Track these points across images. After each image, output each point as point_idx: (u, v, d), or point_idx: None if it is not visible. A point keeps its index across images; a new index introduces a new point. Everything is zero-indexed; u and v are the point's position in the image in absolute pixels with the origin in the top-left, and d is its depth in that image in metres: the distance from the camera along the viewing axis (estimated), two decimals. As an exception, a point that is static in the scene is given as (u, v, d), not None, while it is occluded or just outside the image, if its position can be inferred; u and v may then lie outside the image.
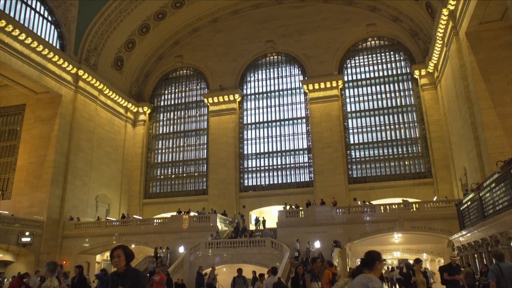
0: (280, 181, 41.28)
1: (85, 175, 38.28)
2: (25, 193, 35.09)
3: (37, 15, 35.44)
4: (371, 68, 41.97)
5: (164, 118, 47.59)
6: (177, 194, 43.69)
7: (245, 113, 44.67)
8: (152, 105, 47.59)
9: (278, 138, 42.81)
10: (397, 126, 39.89)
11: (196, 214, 35.59)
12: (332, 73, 41.37)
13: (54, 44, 36.54)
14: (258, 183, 41.89)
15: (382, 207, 30.56)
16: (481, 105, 26.01)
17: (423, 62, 38.83)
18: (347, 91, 42.05)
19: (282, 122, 43.20)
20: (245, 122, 44.36)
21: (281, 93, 44.13)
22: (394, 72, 41.50)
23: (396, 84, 41.18)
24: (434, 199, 32.13)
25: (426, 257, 35.81)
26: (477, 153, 26.58)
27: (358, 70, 42.36)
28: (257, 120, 44.06)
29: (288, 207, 33.90)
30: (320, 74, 41.48)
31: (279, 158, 42.23)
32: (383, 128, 40.06)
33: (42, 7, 35.99)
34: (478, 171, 26.15)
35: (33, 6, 35.11)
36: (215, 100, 43.97)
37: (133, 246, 35.23)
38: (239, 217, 37.07)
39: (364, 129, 40.45)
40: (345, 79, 41.91)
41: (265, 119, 43.82)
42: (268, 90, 44.51)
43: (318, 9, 43.63)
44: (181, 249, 31.13)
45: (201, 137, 45.53)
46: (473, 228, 21.55)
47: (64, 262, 32.61)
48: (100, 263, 36.72)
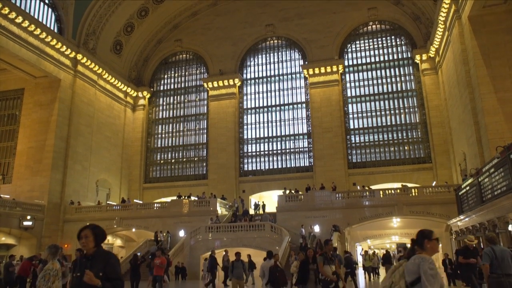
0: (280, 166, 41.38)
1: (85, 160, 38.35)
2: (25, 178, 35.22)
3: (34, -2, 35.01)
4: (372, 52, 41.66)
5: (164, 103, 47.44)
6: (177, 179, 43.83)
7: (245, 97, 44.51)
8: (152, 89, 47.39)
9: (278, 123, 42.75)
10: (397, 111, 39.80)
11: (196, 198, 35.77)
12: (332, 57, 41.09)
13: (52, 28, 36.17)
14: (258, 168, 41.99)
15: (381, 192, 30.72)
16: (482, 91, 25.91)
17: (424, 47, 38.53)
18: (347, 76, 41.83)
19: (282, 107, 43.08)
20: (245, 106, 44.23)
21: (281, 77, 43.89)
22: (395, 56, 41.21)
23: (396, 69, 40.94)
24: (433, 184, 32.27)
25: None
26: (477, 139, 26.58)
27: (358, 54, 42.05)
28: (257, 105, 43.93)
29: (287, 191, 34.05)
30: (321, 59, 41.19)
31: (279, 143, 42.24)
32: (383, 113, 39.98)
33: (40, -10, 35.56)
34: (478, 157, 26.19)
35: (30, -12, 34.67)
36: (215, 84, 43.76)
37: (133, 230, 35.60)
38: (239, 201, 37.28)
39: (364, 114, 40.36)
40: (346, 63, 41.63)
41: (265, 104, 43.69)
42: (268, 74, 44.26)
43: (319, -7, 43.10)
44: (181, 233, 31.39)
45: (201, 121, 45.46)
46: (471, 212, 21.71)
47: (65, 246, 32.92)
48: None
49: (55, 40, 35.32)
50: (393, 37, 41.63)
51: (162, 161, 45.60)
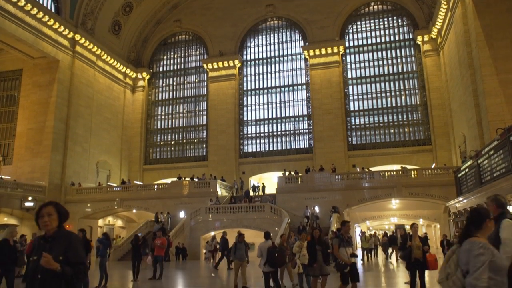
0: (279, 148, 41.43)
1: (85, 141, 38.37)
2: (26, 159, 35.30)
3: (31, -24, 34.39)
4: (373, 33, 41.22)
5: (163, 84, 47.20)
6: (177, 160, 43.95)
7: (245, 79, 44.25)
8: (151, 70, 47.09)
9: (278, 105, 42.62)
10: (397, 93, 39.63)
11: (196, 180, 35.91)
12: (333, 38, 40.67)
13: (49, 7, 35.67)
14: (258, 150, 42.06)
15: (380, 174, 30.84)
16: (484, 72, 25.74)
17: (426, 28, 38.11)
18: (348, 57, 41.49)
19: (282, 89, 42.88)
20: (245, 88, 44.02)
21: (281, 59, 43.54)
22: (397, 37, 40.81)
23: (398, 50, 40.58)
24: (433, 166, 32.37)
25: (423, 223, 36.43)
26: (477, 121, 26.54)
27: (359, 35, 41.62)
28: (257, 86, 43.71)
29: (287, 173, 34.18)
30: (321, 40, 40.78)
31: (279, 124, 42.20)
32: (383, 95, 39.82)
33: (36, -32, 34.90)
34: (478, 139, 26.20)
35: (27, -33, 34.03)
36: (215, 66, 43.45)
37: (134, 211, 35.88)
38: (239, 182, 37.45)
39: (365, 96, 40.21)
40: (347, 45, 41.25)
41: (265, 85, 43.47)
42: (268, 56, 43.90)
43: (320, -28, 42.37)
44: (182, 214, 31.64)
45: (200, 103, 45.31)
46: (469, 194, 21.84)
47: (67, 226, 33.16)
48: (102, 227, 37.40)
49: (52, 20, 34.88)
50: (394, 17, 41.13)
51: (162, 143, 45.64)
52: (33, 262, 3.69)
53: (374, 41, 41.06)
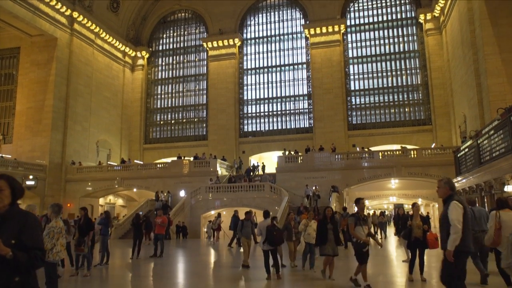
0: (279, 127, 41.41)
1: (85, 120, 38.32)
2: (26, 138, 35.32)
3: (26, -48, 33.68)
4: (375, 12, 40.65)
5: (163, 63, 46.82)
6: (177, 140, 43.99)
7: (245, 58, 43.87)
8: (150, 49, 46.63)
9: (278, 84, 42.38)
10: (398, 73, 39.35)
11: (192, 159, 35.95)
12: (334, 17, 40.11)
13: (47, -16, 35.06)
14: (258, 129, 42.03)
15: (380, 154, 30.89)
16: (486, 51, 25.48)
17: (429, 6, 37.53)
18: (349, 36, 41.02)
19: (283, 68, 42.56)
20: (245, 67, 43.69)
21: (281, 37, 43.07)
22: (399, 16, 40.25)
23: (400, 29, 40.08)
24: (432, 146, 32.41)
25: (421, 202, 36.76)
26: (478, 100, 26.43)
27: (361, 14, 41.04)
28: (257, 65, 43.38)
29: (287, 152, 34.24)
30: (322, 18, 40.22)
31: (279, 104, 42.06)
32: (384, 74, 39.56)
33: None
34: (478, 119, 26.14)
35: None
36: (215, 44, 43.01)
37: (135, 190, 36.11)
38: (238, 162, 37.56)
39: (365, 75, 39.94)
40: (348, 23, 40.71)
41: (265, 64, 43.13)
42: (269, 34, 43.40)
43: None
44: (182, 193, 31.86)
45: (200, 82, 45.06)
46: (468, 174, 21.94)
47: (68, 205, 33.53)
48: (103, 206, 37.73)
49: (49, -3, 34.35)
50: (397, -5, 40.46)
51: (162, 122, 45.58)
52: None
53: (375, 19, 40.53)
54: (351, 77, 40.28)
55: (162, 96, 46.13)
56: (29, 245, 3.00)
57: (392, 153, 31.11)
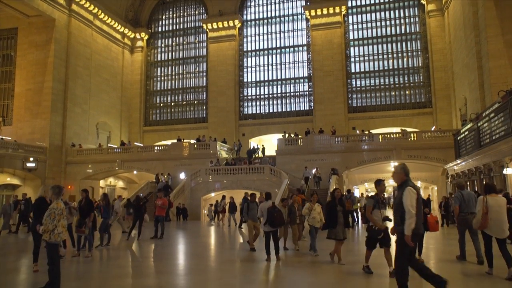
0: (279, 110, 41.31)
1: (85, 103, 38.20)
2: (26, 120, 35.29)
3: None
4: (377, -8, 40.07)
5: (162, 45, 46.42)
6: (177, 122, 43.95)
7: (245, 40, 43.47)
8: (150, 31, 46.17)
9: (279, 66, 42.11)
10: (399, 55, 39.04)
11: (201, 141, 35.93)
12: (336, -3, 39.56)
13: (43, -37, 34.48)
14: (258, 112, 41.95)
15: (380, 136, 30.89)
16: (489, 33, 25.22)
17: (431, -13, 36.99)
18: (350, 17, 40.55)
19: (283, 50, 42.21)
20: (245, 49, 43.32)
21: (282, 19, 42.59)
22: (401, -3, 39.71)
23: (401, 11, 39.58)
24: (432, 129, 32.39)
25: (420, 185, 36.92)
26: (479, 83, 26.29)
27: (363, -6, 40.46)
28: (257, 47, 43.02)
29: (287, 135, 34.23)
30: (324, -1, 39.70)
31: (279, 86, 41.86)
32: (385, 56, 39.25)
33: None
34: (479, 101, 26.06)
35: None
36: (214, 26, 42.55)
37: (135, 172, 36.25)
38: (238, 144, 37.60)
39: (366, 58, 39.64)
40: (349, 4, 40.18)
41: (266, 46, 42.77)
42: (269, 16, 42.91)
43: None
44: (182, 176, 31.97)
45: (200, 64, 44.76)
46: (468, 157, 21.99)
47: (69, 187, 33.72)
48: (103, 188, 37.93)
49: (47, -24, 33.83)
50: (399, -25, 39.82)
51: (161, 104, 45.45)
52: None
53: (377, 1, 39.99)
54: (352, 59, 39.98)
55: (162, 78, 45.89)
56: None
57: (392, 136, 31.09)
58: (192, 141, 36.15)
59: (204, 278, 8.18)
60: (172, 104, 45.06)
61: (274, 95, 41.78)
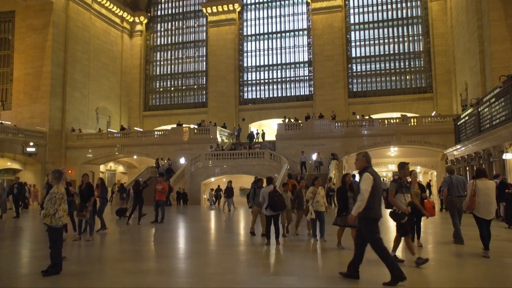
0: (280, 94, 41.16)
1: (84, 87, 38.03)
2: (25, 104, 35.17)
3: None
4: (379, -25, 39.52)
5: (162, 29, 46.00)
6: (176, 107, 43.83)
7: (245, 24, 43.06)
8: (149, 14, 45.69)
9: (279, 51, 41.81)
10: (400, 39, 38.72)
11: (195, 126, 35.95)
12: (337, -20, 39.04)
13: None
14: (258, 96, 41.80)
15: (380, 121, 30.85)
16: (492, 17, 24.94)
17: (434, -31, 36.45)
18: (351, 1, 40.10)
19: (283, 34, 41.85)
20: (245, 33, 42.95)
21: (282, 3, 42.12)
22: (403, -20, 39.17)
23: (403, -6, 39.11)
24: (433, 114, 32.33)
25: (420, 170, 37.02)
26: (480, 68, 26.11)
27: (364, -23, 39.91)
28: (257, 32, 42.64)
29: (287, 120, 34.18)
30: (325, -18, 39.16)
31: (279, 71, 41.63)
32: (386, 41, 38.94)
33: None
34: (480, 86, 25.93)
35: None
36: (214, 10, 42.10)
37: (135, 157, 36.32)
38: (238, 129, 37.58)
39: (367, 42, 39.33)
40: (351, -13, 39.70)
41: (266, 31, 42.39)
42: (269, -1, 42.46)
43: None
44: (182, 161, 32.03)
45: (200, 48, 44.42)
46: (468, 142, 21.99)
47: (69, 172, 33.78)
48: (104, 173, 38.04)
49: (44, -41, 33.32)
50: (402, -42, 39.22)
51: (161, 89, 45.27)
52: None
53: (379, -17, 39.46)
54: (352, 44, 39.67)
55: (161, 63, 45.60)
56: None
57: (392, 121, 31.06)
58: (192, 126, 36.11)
59: (204, 261, 8.25)
60: (172, 89, 44.87)
61: (274, 80, 41.58)
